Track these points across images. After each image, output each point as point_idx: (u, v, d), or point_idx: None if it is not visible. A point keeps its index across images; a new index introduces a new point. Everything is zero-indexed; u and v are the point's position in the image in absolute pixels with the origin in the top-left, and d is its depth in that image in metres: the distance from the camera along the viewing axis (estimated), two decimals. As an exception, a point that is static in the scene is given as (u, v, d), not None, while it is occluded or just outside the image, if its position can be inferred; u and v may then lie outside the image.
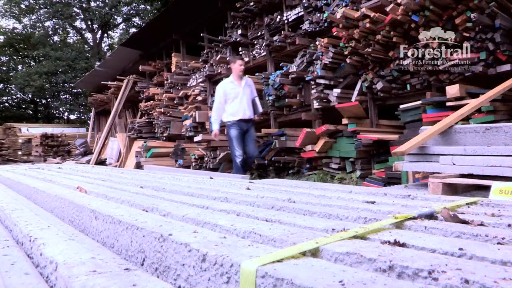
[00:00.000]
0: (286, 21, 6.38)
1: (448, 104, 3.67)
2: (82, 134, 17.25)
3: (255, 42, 7.19)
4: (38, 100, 26.54)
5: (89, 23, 25.80)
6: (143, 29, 11.33)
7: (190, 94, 8.94)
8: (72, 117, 28.51)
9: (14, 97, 26.73)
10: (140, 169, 7.45)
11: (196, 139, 7.78)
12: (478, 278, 0.60)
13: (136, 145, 10.27)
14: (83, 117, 27.26)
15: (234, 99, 5.02)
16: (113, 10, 24.33)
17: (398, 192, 1.93)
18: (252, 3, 6.87)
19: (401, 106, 4.42)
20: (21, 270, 1.02)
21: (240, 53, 7.61)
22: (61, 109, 28.01)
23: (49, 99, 26.85)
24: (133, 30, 23.34)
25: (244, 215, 1.34)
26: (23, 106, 27.43)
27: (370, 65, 4.65)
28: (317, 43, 5.19)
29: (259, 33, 7.08)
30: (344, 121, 4.82)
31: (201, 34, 8.59)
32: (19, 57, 26.39)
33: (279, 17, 6.51)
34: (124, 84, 11.88)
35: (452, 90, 3.59)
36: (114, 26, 27.06)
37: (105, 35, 27.30)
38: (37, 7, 25.14)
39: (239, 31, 7.46)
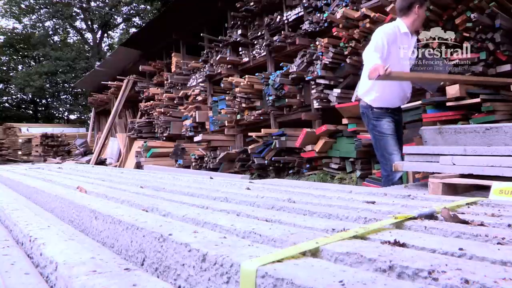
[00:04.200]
0: (286, 21, 6.38)
1: (448, 104, 3.68)
2: (82, 134, 17.25)
3: (255, 42, 7.20)
4: (38, 100, 26.55)
5: (89, 23, 25.80)
6: (143, 29, 11.34)
7: (190, 94, 8.95)
8: (72, 117, 28.54)
9: (14, 97, 26.75)
10: (140, 169, 7.45)
11: (196, 139, 7.80)
12: (478, 278, 0.60)
13: (136, 145, 10.28)
14: (83, 117, 27.27)
15: (398, 63, 2.79)
16: (113, 10, 24.35)
17: (398, 192, 1.93)
18: (252, 3, 6.88)
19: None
20: (21, 270, 1.02)
21: (240, 53, 7.61)
22: (61, 109, 28.02)
23: (49, 99, 26.86)
24: (133, 30, 23.35)
25: (244, 215, 1.34)
26: (23, 106, 27.44)
27: (370, 65, 4.64)
28: (317, 43, 5.19)
29: (259, 33, 7.08)
30: (344, 121, 4.82)
31: (201, 34, 8.59)
32: (19, 57, 26.40)
33: (279, 17, 6.51)
34: (124, 84, 11.88)
35: (452, 90, 3.59)
36: (114, 26, 27.06)
37: (105, 35, 27.31)
38: (37, 7, 25.17)
39: (239, 31, 7.46)
